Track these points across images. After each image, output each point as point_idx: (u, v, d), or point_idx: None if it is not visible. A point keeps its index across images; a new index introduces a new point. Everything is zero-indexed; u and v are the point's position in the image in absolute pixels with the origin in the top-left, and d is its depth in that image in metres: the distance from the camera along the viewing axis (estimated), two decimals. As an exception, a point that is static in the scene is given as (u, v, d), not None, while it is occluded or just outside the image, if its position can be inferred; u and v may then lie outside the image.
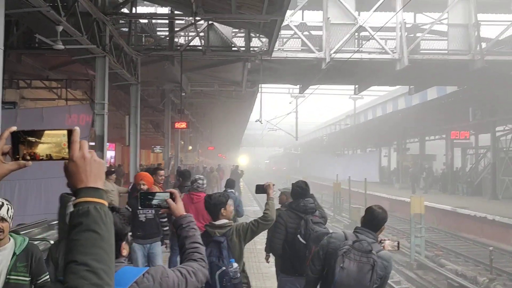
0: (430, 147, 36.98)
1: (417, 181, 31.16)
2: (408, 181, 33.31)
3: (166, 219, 6.84)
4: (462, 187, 27.70)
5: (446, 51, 16.65)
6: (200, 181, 6.76)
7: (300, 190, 5.17)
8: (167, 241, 7.03)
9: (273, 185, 4.63)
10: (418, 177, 31.65)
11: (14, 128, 1.26)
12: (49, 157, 1.26)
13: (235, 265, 3.87)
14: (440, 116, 28.39)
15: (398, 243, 4.18)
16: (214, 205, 4.09)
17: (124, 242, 2.04)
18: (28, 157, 1.25)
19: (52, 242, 7.03)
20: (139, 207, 2.37)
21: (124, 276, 1.86)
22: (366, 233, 3.70)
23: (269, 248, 5.67)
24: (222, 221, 4.08)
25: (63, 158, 1.26)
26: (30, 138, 1.24)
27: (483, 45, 16.35)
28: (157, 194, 2.35)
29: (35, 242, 7.26)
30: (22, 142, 1.25)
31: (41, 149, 1.25)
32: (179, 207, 2.33)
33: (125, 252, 2.04)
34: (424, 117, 30.03)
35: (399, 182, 35.47)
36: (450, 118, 27.82)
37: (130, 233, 2.97)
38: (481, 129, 27.05)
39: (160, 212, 6.79)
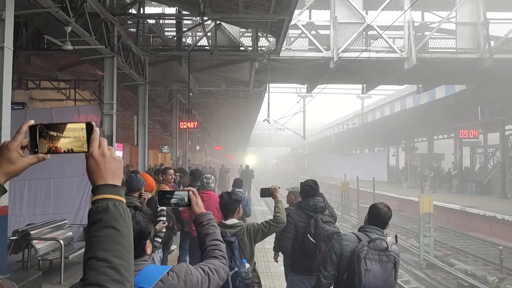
0: (438, 146, 36.80)
1: (425, 181, 31.08)
2: (416, 180, 33.21)
3: (160, 239, 6.12)
4: (471, 186, 27.56)
5: (455, 50, 16.56)
6: (210, 180, 6.85)
7: (309, 189, 5.15)
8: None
9: (279, 188, 4.61)
10: (426, 177, 31.55)
11: (32, 122, 1.26)
12: (70, 151, 1.26)
13: (247, 265, 3.86)
14: (449, 115, 28.24)
15: (396, 236, 4.21)
16: (234, 201, 4.05)
17: (148, 241, 2.05)
18: (50, 151, 1.26)
19: (61, 241, 7.09)
20: (158, 206, 2.40)
21: (149, 275, 1.88)
22: (375, 231, 3.69)
23: (278, 247, 5.63)
24: (233, 221, 4.06)
25: (82, 151, 1.27)
26: (52, 133, 1.25)
27: (492, 43, 16.23)
28: (176, 193, 2.38)
29: (45, 243, 7.33)
30: (44, 136, 1.25)
31: (63, 143, 1.25)
32: (199, 204, 2.35)
33: (149, 250, 2.05)
34: (433, 116, 29.88)
35: (407, 181, 35.35)
36: (459, 117, 27.68)
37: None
38: (490, 128, 26.88)
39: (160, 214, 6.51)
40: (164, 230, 6.28)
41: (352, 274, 3.53)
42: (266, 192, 4.67)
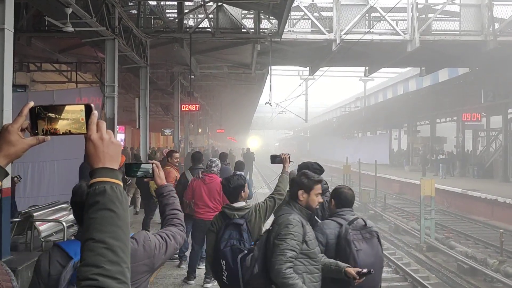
0: (440, 130, 36.73)
1: (427, 164, 31.04)
2: (418, 163, 33.19)
3: None
4: (473, 170, 27.54)
5: (458, 32, 16.42)
6: (213, 164, 6.86)
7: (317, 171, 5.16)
8: None
9: (289, 156, 4.61)
10: (428, 160, 31.49)
11: (32, 104, 1.28)
12: (68, 132, 1.27)
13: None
14: (452, 98, 28.13)
15: None
16: (234, 188, 4.10)
17: None
18: (49, 133, 1.27)
19: (64, 223, 7.12)
20: (125, 177, 2.44)
21: None
22: (349, 212, 3.84)
23: None
24: (241, 204, 4.09)
25: (81, 133, 1.28)
26: (50, 114, 1.26)
27: (496, 25, 16.08)
28: (141, 165, 2.47)
29: (48, 224, 7.36)
30: (42, 118, 1.26)
31: (61, 125, 1.26)
32: (161, 177, 2.50)
33: None
34: (435, 99, 29.76)
35: (409, 164, 35.36)
36: (462, 100, 27.57)
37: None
38: (493, 111, 26.81)
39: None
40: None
41: (345, 257, 3.61)
42: (276, 159, 4.64)
